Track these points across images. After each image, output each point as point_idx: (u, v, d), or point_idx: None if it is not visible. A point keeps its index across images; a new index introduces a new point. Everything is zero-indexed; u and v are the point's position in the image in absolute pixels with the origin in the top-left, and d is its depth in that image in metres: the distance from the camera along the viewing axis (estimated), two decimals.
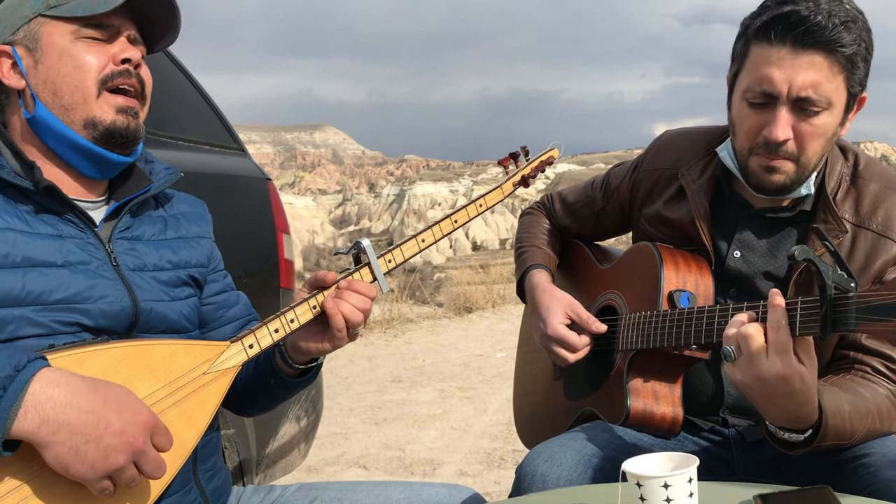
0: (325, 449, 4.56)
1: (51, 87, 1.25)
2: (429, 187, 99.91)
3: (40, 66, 1.26)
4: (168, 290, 1.35)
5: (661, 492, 1.05)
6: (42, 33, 1.26)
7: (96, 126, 1.26)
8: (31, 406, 1.02)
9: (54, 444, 1.03)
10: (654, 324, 1.53)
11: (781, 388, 1.21)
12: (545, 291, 1.77)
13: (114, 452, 1.06)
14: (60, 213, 1.25)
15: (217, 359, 1.24)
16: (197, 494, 1.32)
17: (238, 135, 2.88)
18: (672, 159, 1.71)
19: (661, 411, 1.57)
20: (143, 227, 1.37)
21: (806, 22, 1.37)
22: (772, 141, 1.43)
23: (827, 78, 1.40)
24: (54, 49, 1.25)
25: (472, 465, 4.18)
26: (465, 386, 6.10)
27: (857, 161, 1.57)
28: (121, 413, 1.07)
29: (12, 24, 1.28)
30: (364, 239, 1.36)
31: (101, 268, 1.26)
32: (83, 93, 1.25)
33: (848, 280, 1.17)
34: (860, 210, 1.51)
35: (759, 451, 1.60)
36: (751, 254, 1.59)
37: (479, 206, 1.48)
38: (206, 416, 1.22)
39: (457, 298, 10.85)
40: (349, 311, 1.30)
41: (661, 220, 1.70)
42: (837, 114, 1.45)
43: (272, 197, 2.74)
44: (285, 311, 1.31)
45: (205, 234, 1.49)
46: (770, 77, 1.41)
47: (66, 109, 1.25)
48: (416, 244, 1.41)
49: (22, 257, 1.18)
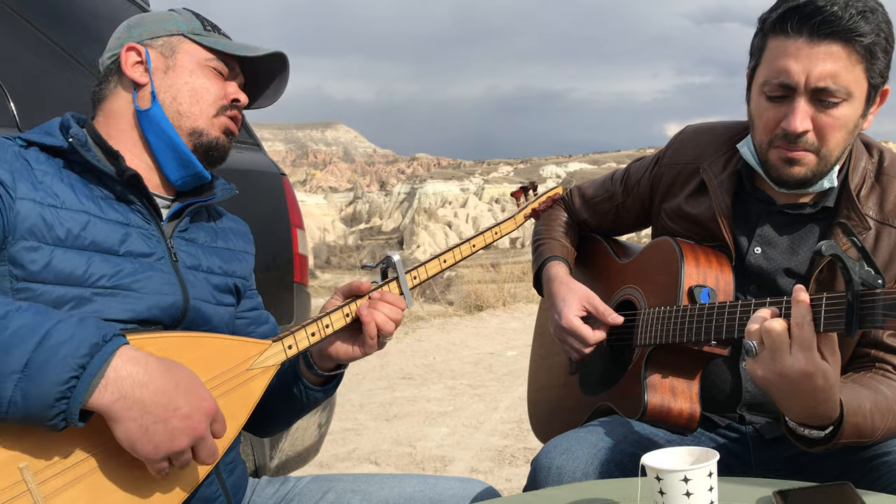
0: (336, 444, 4.57)
1: (174, 93, 1.37)
2: (439, 186, 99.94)
3: (170, 73, 1.38)
4: (216, 294, 1.41)
5: (681, 486, 1.04)
6: (180, 49, 1.39)
7: (202, 135, 1.38)
8: (112, 379, 1.05)
9: (127, 419, 1.06)
10: (673, 319, 1.52)
11: (804, 385, 1.19)
12: (562, 283, 1.77)
13: (179, 435, 1.09)
14: (131, 203, 1.31)
15: (259, 356, 1.29)
16: (218, 487, 1.34)
17: (254, 130, 2.89)
18: (694, 154, 1.70)
19: (678, 407, 1.56)
20: (199, 232, 1.44)
21: (822, 12, 1.36)
22: (790, 132, 1.42)
23: (845, 68, 1.38)
24: (188, 64, 1.39)
25: (483, 462, 4.18)
26: (476, 383, 6.10)
27: (881, 158, 1.55)
28: (189, 398, 1.11)
29: (153, 31, 1.40)
30: (395, 254, 1.43)
31: (160, 261, 1.31)
32: (202, 108, 1.38)
33: (875, 276, 1.15)
34: (884, 207, 1.49)
35: (777, 449, 1.59)
36: (772, 250, 1.57)
37: (495, 233, 1.61)
38: (246, 411, 1.26)
39: (468, 297, 10.86)
40: (382, 321, 1.36)
41: (681, 215, 1.69)
42: (858, 105, 1.43)
43: (287, 192, 2.74)
44: (321, 316, 1.36)
45: (249, 250, 1.57)
46: (787, 68, 1.40)
47: (181, 115, 1.37)
48: (438, 263, 1.50)
49: (90, 241, 1.23)
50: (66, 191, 1.24)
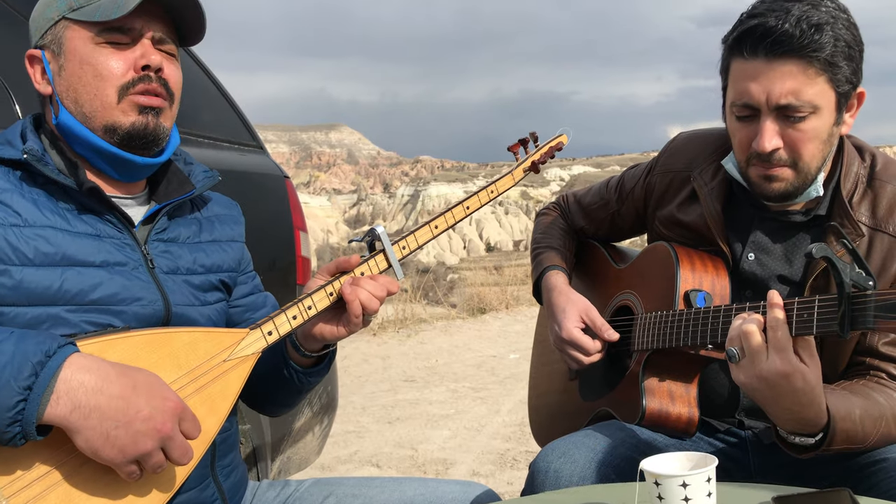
0: (338, 447, 4.57)
1: (73, 94, 1.25)
2: (443, 188, 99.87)
3: (63, 73, 1.25)
4: (199, 295, 1.36)
5: (679, 491, 1.05)
6: (66, 38, 1.25)
7: (116, 131, 1.25)
8: (63, 392, 1.03)
9: (85, 428, 1.05)
10: (669, 323, 1.52)
11: (784, 386, 1.21)
12: (561, 293, 1.77)
13: (143, 438, 1.07)
14: (100, 213, 1.25)
15: (237, 346, 1.25)
16: (214, 490, 1.33)
17: (257, 132, 2.90)
18: (685, 162, 1.71)
19: (676, 411, 1.56)
20: (179, 229, 1.37)
21: (773, 32, 1.37)
22: (760, 152, 1.43)
23: (805, 83, 1.39)
24: (76, 56, 1.24)
25: (485, 465, 4.18)
26: (478, 386, 6.09)
27: (874, 162, 1.55)
28: (150, 398, 1.09)
29: (41, 27, 1.28)
30: (378, 226, 1.36)
31: (136, 269, 1.26)
32: (102, 101, 1.24)
33: (866, 278, 1.16)
34: (877, 213, 1.49)
35: (776, 454, 1.59)
36: (765, 256, 1.58)
37: (491, 192, 1.48)
38: (227, 404, 1.23)
39: (470, 299, 10.85)
40: (367, 298, 1.31)
41: (675, 222, 1.70)
42: (827, 115, 1.43)
43: (290, 194, 2.75)
44: (303, 298, 1.31)
45: (237, 237, 1.50)
46: (748, 90, 1.41)
47: (87, 117, 1.25)
48: (429, 230, 1.42)
49: (61, 255, 1.18)
50: (29, 207, 1.18)
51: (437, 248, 67.50)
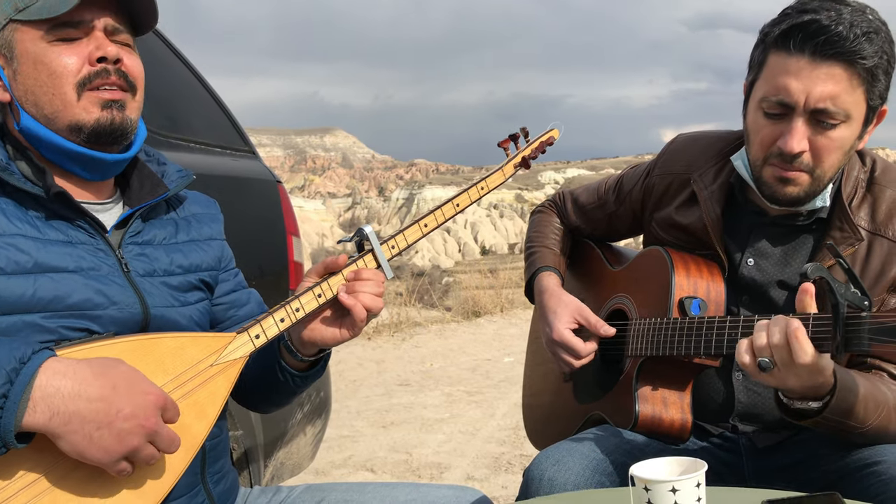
0: (332, 451, 4.56)
1: (31, 97, 1.22)
2: (438, 191, 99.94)
3: (19, 77, 1.22)
4: (178, 296, 1.34)
5: (669, 496, 1.05)
6: (16, 41, 1.21)
7: (81, 129, 1.22)
8: (40, 398, 1.02)
9: (67, 433, 1.04)
10: (663, 332, 1.52)
11: (810, 373, 1.23)
12: (553, 295, 1.77)
13: (128, 436, 1.07)
14: (71, 219, 1.23)
15: (224, 350, 1.24)
16: (205, 497, 1.32)
17: (248, 137, 2.89)
18: (685, 164, 1.69)
19: (669, 417, 1.56)
20: (154, 230, 1.35)
21: (826, 31, 1.34)
22: (786, 152, 1.41)
23: (846, 90, 1.36)
24: (28, 57, 1.21)
25: (480, 469, 4.17)
26: (472, 390, 6.09)
27: (874, 166, 1.54)
28: (130, 396, 1.08)
29: None
30: (367, 226, 1.34)
31: (111, 274, 1.24)
32: (62, 100, 1.21)
33: (861, 298, 1.15)
34: (876, 217, 1.49)
35: (770, 459, 1.59)
36: (765, 262, 1.57)
37: (481, 188, 1.45)
38: (215, 408, 1.22)
39: (465, 302, 10.85)
40: (370, 301, 1.29)
41: (673, 224, 1.69)
42: (856, 126, 1.42)
43: (282, 199, 2.75)
44: (290, 300, 1.30)
45: (216, 235, 1.48)
46: (787, 87, 1.38)
47: (49, 119, 1.22)
48: (418, 229, 1.39)
49: (33, 263, 1.16)
50: None
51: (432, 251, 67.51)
